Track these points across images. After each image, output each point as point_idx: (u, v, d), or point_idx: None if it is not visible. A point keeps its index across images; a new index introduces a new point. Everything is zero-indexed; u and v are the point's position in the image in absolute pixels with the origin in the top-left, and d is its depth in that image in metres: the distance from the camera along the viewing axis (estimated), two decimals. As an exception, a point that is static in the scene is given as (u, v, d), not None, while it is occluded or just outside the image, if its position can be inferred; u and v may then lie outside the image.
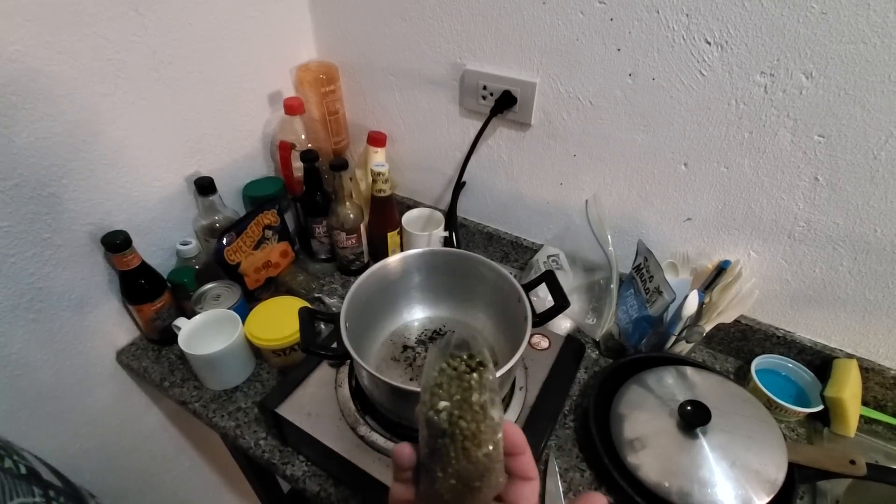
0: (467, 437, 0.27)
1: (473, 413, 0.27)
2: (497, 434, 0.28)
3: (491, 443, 0.27)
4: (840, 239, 0.65)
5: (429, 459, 0.28)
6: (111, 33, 0.64)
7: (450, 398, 0.28)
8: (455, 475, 0.27)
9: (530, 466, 0.29)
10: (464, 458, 0.27)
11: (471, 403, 0.27)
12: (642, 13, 0.62)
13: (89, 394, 0.78)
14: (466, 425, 0.27)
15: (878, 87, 0.55)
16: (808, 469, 0.58)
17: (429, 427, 0.28)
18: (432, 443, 0.28)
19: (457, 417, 0.27)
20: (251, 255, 0.82)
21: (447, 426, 0.27)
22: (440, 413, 0.27)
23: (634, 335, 0.75)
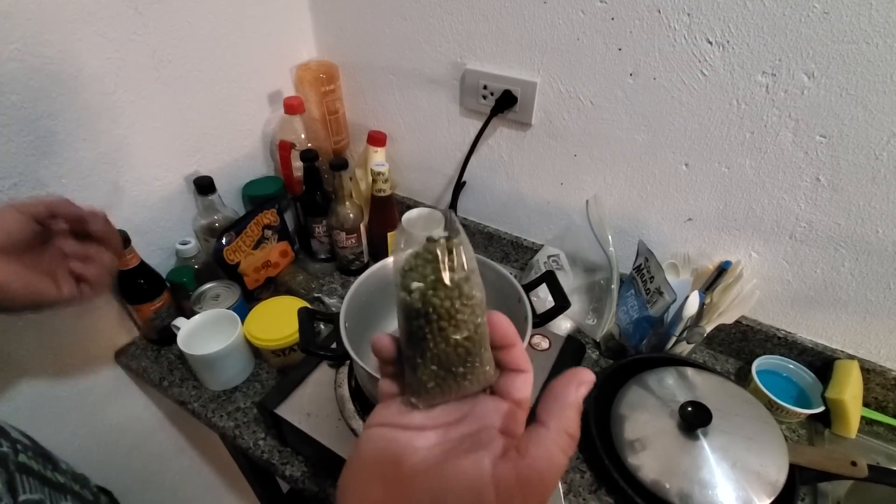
0: (442, 317, 0.25)
1: (447, 290, 0.25)
2: (477, 317, 0.26)
3: (471, 325, 0.26)
4: (842, 240, 0.65)
5: (408, 346, 0.27)
6: (111, 32, 0.63)
7: (423, 279, 0.25)
8: (435, 360, 0.26)
9: (522, 358, 0.27)
10: (441, 339, 0.26)
11: (445, 283, 0.25)
12: (643, 12, 0.62)
13: (88, 393, 0.78)
14: (440, 303, 0.25)
15: (880, 87, 0.54)
16: (809, 470, 0.58)
17: (404, 311, 0.26)
18: (409, 326, 0.26)
19: (431, 296, 0.25)
20: (251, 255, 0.82)
21: (420, 306, 0.25)
22: (412, 293, 0.25)
23: (635, 336, 0.75)
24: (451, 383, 0.27)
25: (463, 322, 0.26)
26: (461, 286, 0.26)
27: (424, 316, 0.26)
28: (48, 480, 0.35)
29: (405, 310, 0.26)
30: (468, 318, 0.26)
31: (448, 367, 0.26)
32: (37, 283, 0.47)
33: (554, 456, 0.24)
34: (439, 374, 0.26)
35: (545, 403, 0.25)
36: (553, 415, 0.25)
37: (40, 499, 0.32)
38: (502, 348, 0.27)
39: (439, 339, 0.26)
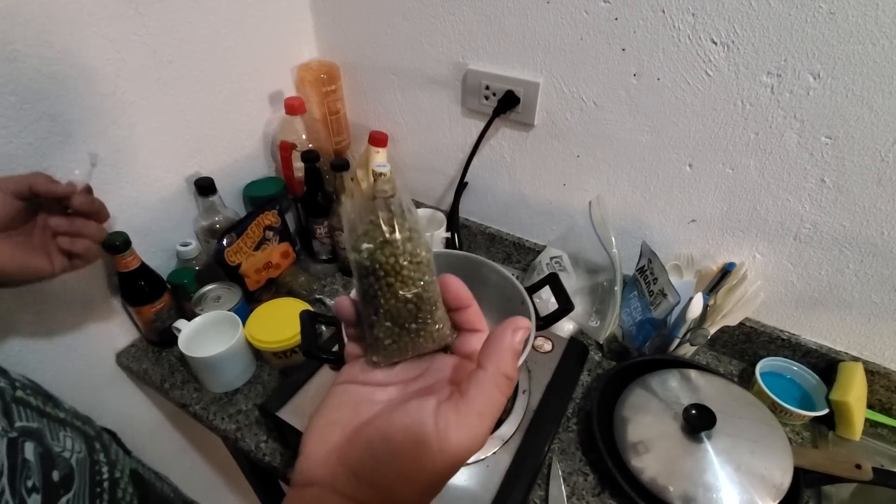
0: (388, 273, 0.27)
1: (393, 248, 0.27)
2: (424, 275, 0.28)
3: (420, 282, 0.28)
4: (846, 241, 0.65)
5: (364, 306, 0.29)
6: (111, 33, 0.63)
7: (372, 241, 0.28)
8: (388, 316, 0.28)
9: (477, 318, 0.30)
10: (391, 295, 0.28)
11: (390, 241, 0.27)
12: (648, 13, 0.62)
13: (89, 395, 0.78)
14: (385, 259, 0.27)
15: (886, 88, 0.54)
16: (813, 473, 0.58)
17: (357, 270, 0.28)
18: (361, 286, 0.28)
19: (378, 254, 0.27)
20: (252, 256, 0.82)
21: (368, 264, 0.28)
22: (361, 253, 0.28)
23: (638, 337, 0.75)
24: (405, 340, 0.29)
25: (410, 278, 0.28)
26: (404, 244, 0.28)
27: (373, 273, 0.28)
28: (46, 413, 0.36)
29: (357, 269, 0.28)
30: (414, 274, 0.28)
31: (401, 323, 0.28)
32: (29, 261, 0.48)
33: (491, 394, 0.26)
34: (394, 330, 0.28)
35: (484, 349, 0.27)
36: (490, 358, 0.26)
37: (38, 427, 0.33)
38: (457, 310, 0.29)
39: (388, 294, 0.28)
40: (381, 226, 0.27)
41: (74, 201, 0.50)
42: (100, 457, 0.41)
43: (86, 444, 0.40)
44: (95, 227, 0.52)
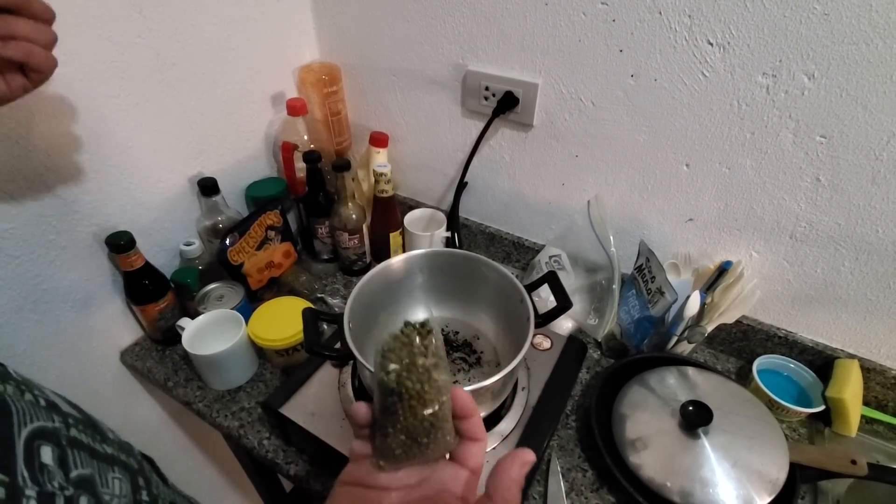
0: (413, 397, 0.30)
1: (419, 374, 0.30)
2: (442, 395, 0.30)
3: (436, 403, 0.30)
4: (842, 239, 0.65)
5: (381, 416, 0.31)
6: (115, 35, 0.64)
7: (399, 361, 0.30)
8: (404, 431, 0.30)
9: (478, 428, 0.32)
10: (410, 415, 0.30)
11: (417, 366, 0.30)
12: (644, 14, 0.63)
13: (93, 394, 0.78)
14: (412, 385, 0.30)
15: (879, 87, 0.55)
16: (809, 469, 0.59)
17: (380, 387, 0.31)
18: (383, 401, 0.31)
19: (404, 378, 0.30)
20: (254, 256, 0.83)
21: (395, 386, 0.30)
22: (389, 374, 0.30)
23: (636, 335, 0.75)
24: (415, 451, 0.31)
25: (430, 401, 0.30)
26: (430, 371, 0.30)
27: (398, 395, 0.30)
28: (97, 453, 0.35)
29: (381, 387, 0.31)
30: (435, 397, 0.30)
31: (415, 437, 0.31)
32: None
33: None
34: (407, 442, 0.31)
35: (492, 478, 0.30)
36: (498, 490, 0.29)
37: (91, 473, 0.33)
38: (462, 419, 0.31)
39: (409, 414, 0.30)
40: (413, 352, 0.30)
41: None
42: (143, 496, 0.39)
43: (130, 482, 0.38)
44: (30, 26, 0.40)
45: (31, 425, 0.30)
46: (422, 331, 0.31)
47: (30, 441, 0.29)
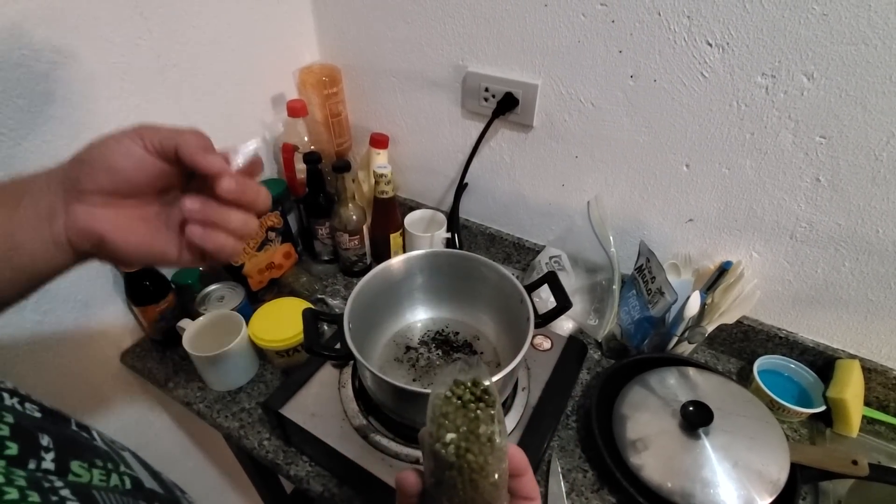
0: (475, 470, 0.27)
1: (481, 445, 0.27)
2: (503, 462, 0.28)
3: (497, 471, 0.28)
4: (842, 240, 0.65)
5: (435, 489, 0.28)
6: (117, 37, 0.64)
7: (456, 430, 0.27)
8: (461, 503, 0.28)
9: (532, 486, 0.30)
10: (471, 489, 0.27)
11: (478, 435, 0.27)
12: (644, 15, 0.63)
13: (94, 395, 0.79)
14: (474, 458, 0.27)
15: (879, 88, 0.55)
16: (810, 469, 0.58)
17: (435, 459, 0.28)
18: (439, 474, 0.28)
19: (464, 450, 0.27)
20: (254, 257, 0.83)
21: (455, 459, 0.27)
22: (448, 446, 0.27)
23: (636, 336, 0.75)
24: None
25: (493, 472, 0.27)
26: (493, 440, 0.27)
27: (458, 469, 0.27)
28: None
29: (436, 459, 0.27)
30: (497, 466, 0.27)
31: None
32: (152, 243, 0.35)
33: None
34: None
35: None
36: None
37: None
38: (515, 476, 0.29)
39: (469, 488, 0.27)
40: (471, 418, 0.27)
41: (222, 185, 0.34)
42: None
43: None
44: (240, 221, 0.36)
45: None
46: (475, 390, 0.28)
47: None
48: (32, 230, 0.33)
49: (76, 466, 0.27)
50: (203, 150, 0.34)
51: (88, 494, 0.25)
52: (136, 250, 0.35)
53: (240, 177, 0.35)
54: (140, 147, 0.34)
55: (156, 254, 0.36)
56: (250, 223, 0.37)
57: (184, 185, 0.37)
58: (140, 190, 0.35)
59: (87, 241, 0.34)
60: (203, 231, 0.35)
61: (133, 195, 0.35)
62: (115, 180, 0.34)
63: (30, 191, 0.33)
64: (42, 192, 0.33)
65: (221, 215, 0.35)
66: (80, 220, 0.33)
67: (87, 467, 0.28)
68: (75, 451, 0.29)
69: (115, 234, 0.34)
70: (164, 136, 0.34)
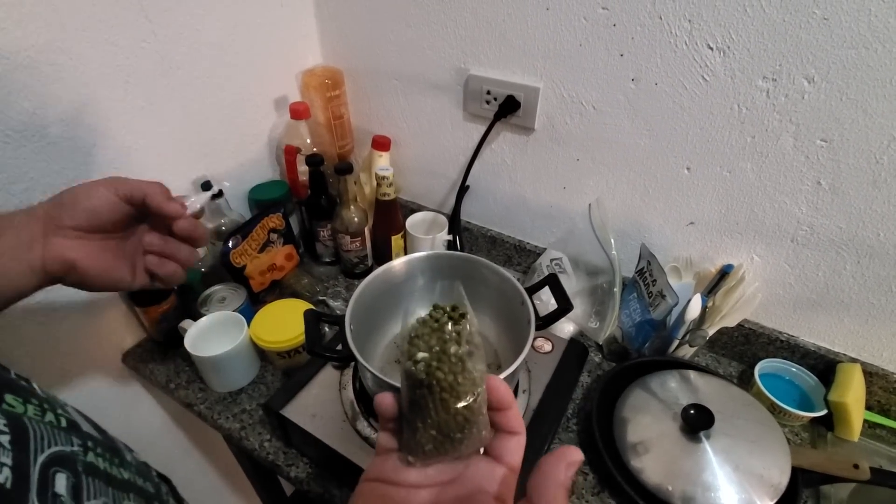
0: (444, 389, 0.27)
1: (451, 364, 0.27)
2: (477, 387, 0.27)
3: (470, 395, 0.27)
4: (843, 243, 0.65)
5: (409, 410, 0.28)
6: (121, 40, 0.65)
7: (428, 349, 0.27)
8: (434, 426, 0.27)
9: (516, 421, 0.29)
10: (442, 409, 0.27)
11: (449, 355, 0.27)
12: (645, 19, 0.63)
13: (95, 395, 0.79)
14: (444, 376, 0.27)
15: (879, 91, 0.55)
16: (811, 473, 0.58)
17: (408, 378, 0.28)
18: (411, 394, 0.28)
19: (434, 368, 0.27)
20: (256, 258, 0.83)
21: (424, 377, 0.27)
22: (418, 364, 0.27)
23: (637, 339, 0.75)
24: (448, 446, 0.28)
25: (464, 393, 0.27)
26: (464, 360, 0.27)
27: (428, 387, 0.27)
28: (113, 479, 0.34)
29: (409, 378, 0.28)
30: (469, 388, 0.27)
31: (447, 432, 0.27)
32: (112, 270, 0.45)
33: None
34: (438, 438, 0.28)
35: (535, 481, 0.26)
36: (542, 495, 0.26)
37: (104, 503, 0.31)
38: (498, 410, 0.29)
39: (441, 408, 0.27)
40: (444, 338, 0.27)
41: (179, 224, 0.45)
42: None
43: None
44: (187, 253, 0.48)
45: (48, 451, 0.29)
46: (453, 314, 0.28)
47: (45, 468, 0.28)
48: (11, 258, 0.39)
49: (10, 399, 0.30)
50: (166, 199, 0.45)
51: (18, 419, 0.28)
52: (99, 275, 0.44)
53: (191, 219, 0.46)
54: (113, 195, 0.43)
55: (115, 279, 0.45)
56: (193, 255, 0.49)
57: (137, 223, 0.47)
58: (107, 228, 0.44)
59: (60, 268, 0.42)
60: (159, 261, 0.46)
61: (100, 231, 0.44)
62: (90, 219, 0.42)
63: (11, 224, 0.40)
64: (23, 225, 0.41)
65: (174, 248, 0.47)
66: (56, 250, 0.41)
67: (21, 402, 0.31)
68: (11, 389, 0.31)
69: (85, 261, 0.42)
70: (133, 186, 0.44)
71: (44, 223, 0.41)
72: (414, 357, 0.27)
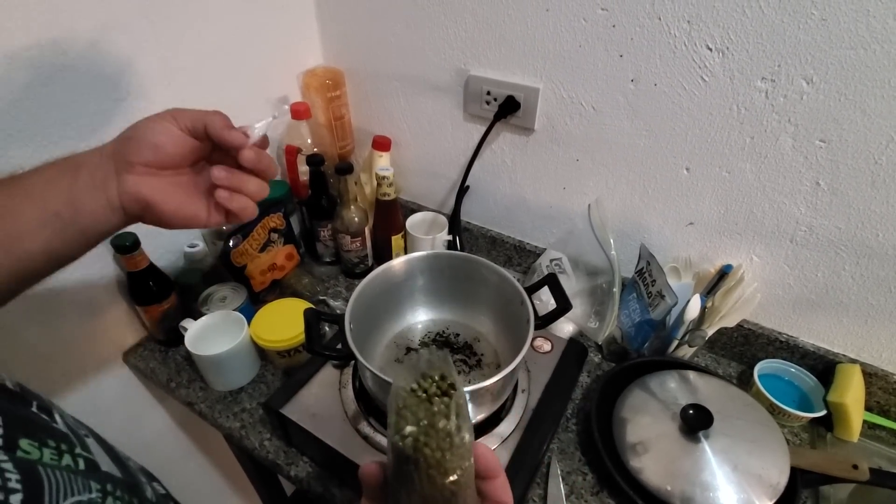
0: (432, 466, 0.26)
1: (439, 440, 0.26)
2: (465, 461, 0.27)
3: (459, 469, 0.26)
4: (842, 243, 0.65)
5: (395, 481, 0.28)
6: (123, 41, 0.65)
7: (417, 423, 0.26)
8: (420, 500, 0.27)
9: (504, 491, 0.29)
10: (428, 485, 0.26)
11: (437, 430, 0.26)
12: (644, 20, 0.63)
13: (96, 394, 0.79)
14: (431, 453, 0.26)
15: (878, 92, 0.55)
16: (810, 474, 0.58)
17: (394, 451, 0.27)
18: (398, 467, 0.27)
19: (422, 444, 0.26)
20: (257, 258, 0.83)
21: (412, 453, 0.26)
22: (405, 439, 0.26)
23: (637, 339, 0.75)
24: None
25: (452, 469, 0.26)
26: (453, 436, 0.26)
27: (414, 462, 0.26)
28: None
29: (395, 451, 0.27)
30: (457, 464, 0.26)
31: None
32: (186, 206, 0.43)
33: None
34: None
35: None
36: None
37: None
38: (486, 479, 0.28)
39: (427, 483, 0.26)
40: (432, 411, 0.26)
41: (244, 155, 0.42)
42: None
43: None
44: (257, 186, 0.45)
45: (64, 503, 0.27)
46: (441, 384, 0.27)
47: None
48: (91, 196, 0.39)
49: (25, 444, 0.29)
50: (227, 128, 0.42)
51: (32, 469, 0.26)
52: (174, 212, 0.42)
53: (256, 149, 0.43)
54: (175, 127, 0.41)
55: (189, 216, 0.43)
56: (264, 188, 0.45)
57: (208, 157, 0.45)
58: (175, 162, 0.42)
59: (136, 205, 0.41)
60: (229, 195, 0.43)
61: (169, 167, 0.42)
62: (156, 154, 0.40)
63: (85, 164, 0.40)
64: (96, 164, 0.40)
65: (242, 181, 0.43)
66: (129, 187, 0.40)
67: (37, 446, 0.29)
68: (27, 430, 0.30)
69: (158, 198, 0.41)
70: (194, 117, 0.42)
71: (114, 161, 0.40)
72: (402, 431, 0.26)
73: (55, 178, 0.39)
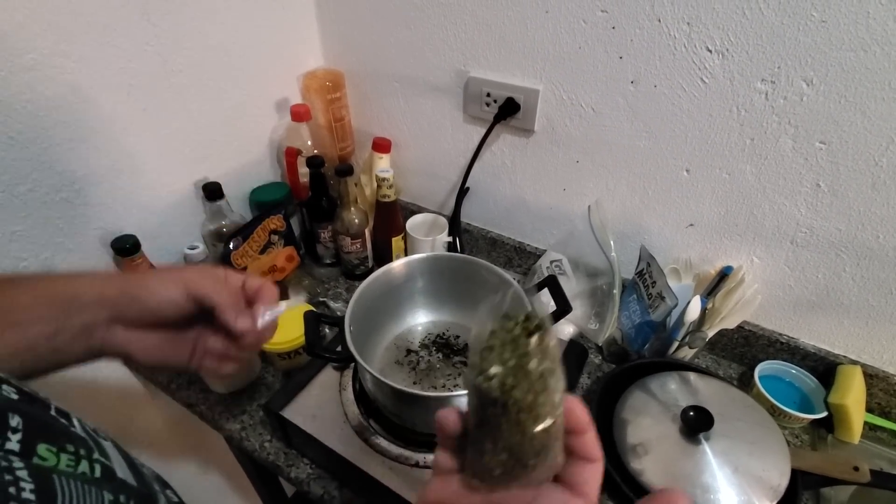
0: (522, 409, 0.23)
1: (530, 382, 0.23)
2: (557, 408, 0.24)
3: (550, 417, 0.24)
4: (842, 245, 0.65)
5: (477, 430, 0.25)
6: (125, 43, 0.65)
7: (503, 363, 0.23)
8: (506, 450, 0.25)
9: (594, 446, 0.26)
10: (518, 431, 0.24)
11: (527, 371, 0.23)
12: (644, 22, 0.63)
13: (96, 395, 0.79)
14: (522, 395, 0.23)
15: (878, 94, 0.55)
16: (811, 475, 0.58)
17: (478, 395, 0.24)
18: (482, 412, 0.25)
19: (510, 386, 0.23)
20: (257, 260, 0.83)
21: (499, 395, 0.23)
22: (491, 380, 0.23)
23: (637, 340, 0.75)
24: (519, 472, 0.25)
25: (544, 415, 0.24)
26: (546, 378, 0.24)
27: (502, 405, 0.24)
28: None
29: (480, 395, 0.24)
30: (549, 410, 0.24)
31: (520, 457, 0.25)
32: (169, 359, 0.44)
33: None
34: (509, 462, 0.25)
35: None
36: None
37: None
38: (575, 434, 0.26)
39: (516, 430, 0.24)
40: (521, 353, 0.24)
41: (245, 339, 0.43)
42: None
43: None
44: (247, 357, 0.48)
45: None
46: (527, 325, 0.24)
47: None
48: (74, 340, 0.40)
49: (43, 450, 0.28)
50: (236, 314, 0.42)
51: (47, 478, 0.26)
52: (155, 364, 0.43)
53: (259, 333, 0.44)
54: (182, 296, 0.41)
55: (171, 365, 0.44)
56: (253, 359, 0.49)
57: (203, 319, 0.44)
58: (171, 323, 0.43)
59: (119, 355, 0.42)
60: (218, 364, 0.45)
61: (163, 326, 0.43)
62: (155, 317, 0.42)
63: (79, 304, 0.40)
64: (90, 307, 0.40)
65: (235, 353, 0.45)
66: (116, 340, 0.41)
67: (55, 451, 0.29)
68: (46, 435, 0.29)
69: (141, 353, 0.42)
70: (205, 294, 0.42)
71: (109, 312, 0.40)
72: (486, 372, 0.24)
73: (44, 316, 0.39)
